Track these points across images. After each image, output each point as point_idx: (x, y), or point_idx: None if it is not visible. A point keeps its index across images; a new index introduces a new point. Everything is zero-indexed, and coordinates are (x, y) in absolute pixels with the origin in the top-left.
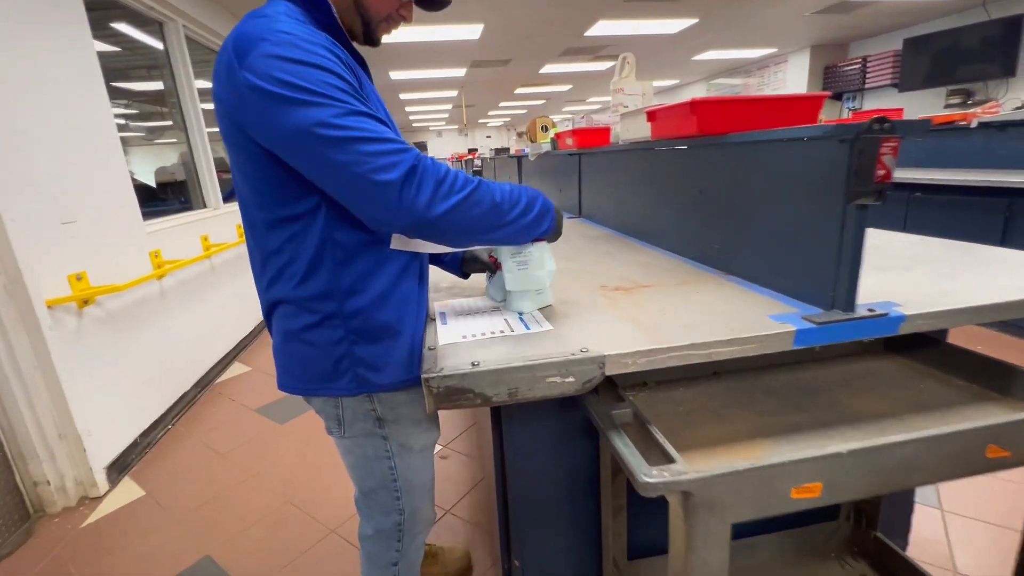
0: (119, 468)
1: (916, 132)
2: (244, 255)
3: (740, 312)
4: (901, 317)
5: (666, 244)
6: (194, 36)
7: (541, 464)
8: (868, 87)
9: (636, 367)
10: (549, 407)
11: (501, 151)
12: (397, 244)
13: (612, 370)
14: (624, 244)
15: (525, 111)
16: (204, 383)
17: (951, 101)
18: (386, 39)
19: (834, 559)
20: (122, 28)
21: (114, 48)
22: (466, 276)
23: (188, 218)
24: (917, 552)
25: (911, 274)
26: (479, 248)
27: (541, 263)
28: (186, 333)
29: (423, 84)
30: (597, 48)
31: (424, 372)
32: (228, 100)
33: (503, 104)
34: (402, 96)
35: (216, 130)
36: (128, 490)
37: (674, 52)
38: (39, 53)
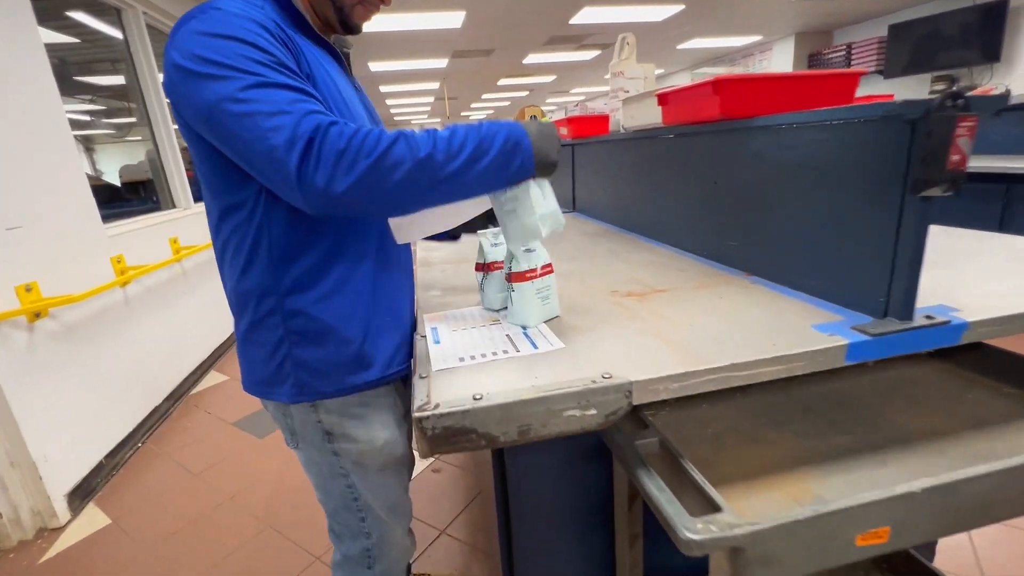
0: (82, 494)
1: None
2: None
3: (777, 322)
4: (963, 324)
5: (675, 241)
6: (156, 24)
7: (547, 483)
8: None
9: (668, 394)
10: None
11: None
12: (394, 228)
13: (640, 398)
14: (628, 241)
15: (509, 103)
16: (178, 395)
17: (936, 87)
18: (365, 27)
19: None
20: (78, 17)
21: (71, 39)
22: (456, 237)
23: (155, 219)
24: (942, 560)
25: (951, 271)
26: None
27: (530, 207)
28: (156, 343)
29: (404, 76)
30: (582, 36)
31: (416, 410)
32: (165, 84)
33: (486, 96)
34: (382, 88)
35: None
36: (92, 518)
37: (659, 40)
38: None
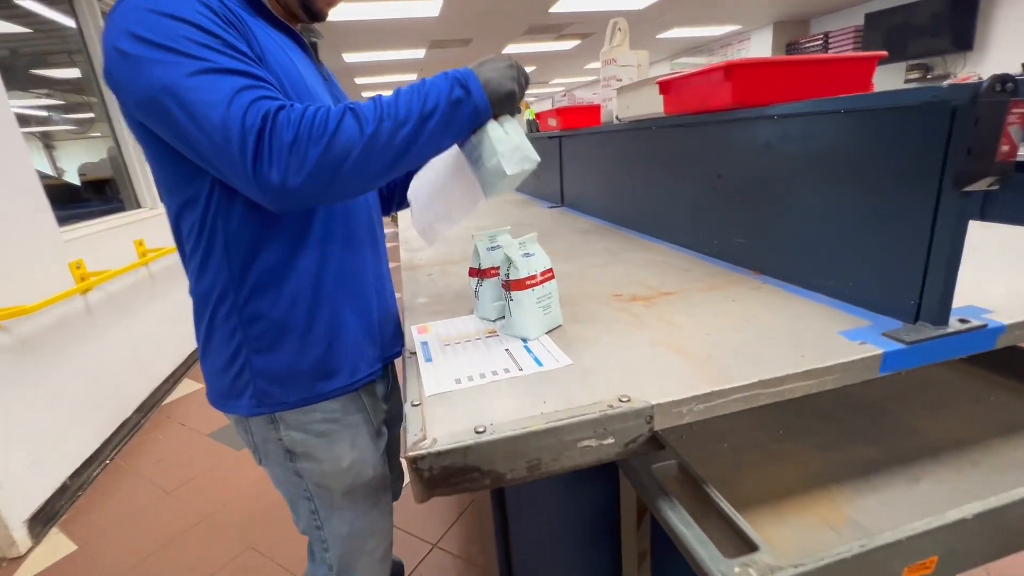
0: (44, 519)
1: None
2: None
3: (798, 328)
4: (999, 328)
5: (675, 238)
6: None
7: (547, 495)
8: None
9: (692, 416)
10: None
11: None
12: (421, 233)
13: (662, 423)
14: (623, 238)
15: None
16: (148, 407)
17: (910, 76)
18: (339, 16)
19: None
20: (27, 5)
21: (22, 29)
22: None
23: (118, 221)
24: None
25: (971, 268)
26: None
27: (491, 148)
28: (123, 352)
29: (379, 67)
30: (562, 26)
31: (410, 448)
32: (104, 70)
33: None
34: (357, 80)
35: None
36: (56, 545)
37: (639, 29)
38: None
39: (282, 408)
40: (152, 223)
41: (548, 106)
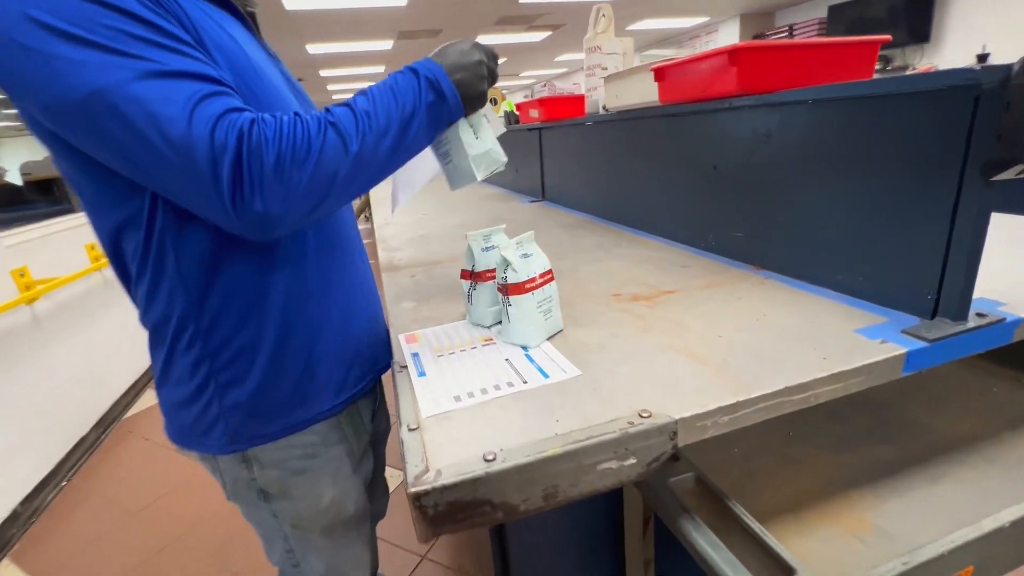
0: None
1: None
2: None
3: (812, 327)
4: (1017, 320)
5: (668, 232)
6: None
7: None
8: None
9: (717, 429)
10: None
11: None
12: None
13: (686, 438)
14: (613, 233)
15: None
16: (108, 421)
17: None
18: (302, 5)
19: None
20: None
21: None
22: None
23: (66, 223)
24: None
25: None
26: None
27: (462, 150)
28: (76, 364)
29: (346, 59)
30: (532, 17)
31: (412, 484)
32: None
33: None
34: (322, 73)
35: None
36: None
37: None
38: None
39: (259, 442)
40: None
41: (520, 99)
